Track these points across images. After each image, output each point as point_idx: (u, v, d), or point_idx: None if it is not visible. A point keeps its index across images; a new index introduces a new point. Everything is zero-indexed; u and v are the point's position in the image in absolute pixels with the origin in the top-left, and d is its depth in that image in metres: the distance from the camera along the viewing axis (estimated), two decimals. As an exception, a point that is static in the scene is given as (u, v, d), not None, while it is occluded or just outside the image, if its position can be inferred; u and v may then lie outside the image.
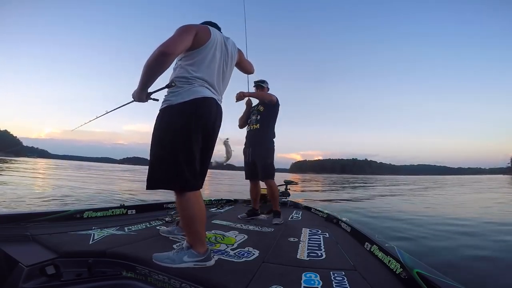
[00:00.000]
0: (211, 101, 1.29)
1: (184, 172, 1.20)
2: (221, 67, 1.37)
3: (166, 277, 1.12)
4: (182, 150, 1.21)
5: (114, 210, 2.16)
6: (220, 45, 1.36)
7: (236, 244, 1.62)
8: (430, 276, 0.99)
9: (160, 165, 1.23)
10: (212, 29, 1.33)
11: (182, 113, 1.22)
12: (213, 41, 1.31)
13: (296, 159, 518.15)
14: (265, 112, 2.61)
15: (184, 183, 1.21)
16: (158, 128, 1.26)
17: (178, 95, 1.24)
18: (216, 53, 1.33)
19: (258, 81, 2.74)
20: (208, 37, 1.29)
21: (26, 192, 5.74)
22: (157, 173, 1.23)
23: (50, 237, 1.42)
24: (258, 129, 2.58)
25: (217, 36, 1.34)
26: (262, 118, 2.59)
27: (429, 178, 48.26)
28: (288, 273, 1.19)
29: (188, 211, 1.22)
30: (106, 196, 6.20)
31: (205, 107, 1.26)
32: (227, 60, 1.41)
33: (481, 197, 10.04)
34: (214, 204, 3.18)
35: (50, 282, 1.06)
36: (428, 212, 5.61)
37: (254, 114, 2.67)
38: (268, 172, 2.53)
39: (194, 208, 1.22)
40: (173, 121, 1.23)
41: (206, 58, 1.29)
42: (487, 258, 2.52)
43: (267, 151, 2.56)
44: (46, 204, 4.49)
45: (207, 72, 1.30)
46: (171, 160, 1.21)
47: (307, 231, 2.05)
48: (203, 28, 1.29)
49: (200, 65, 1.28)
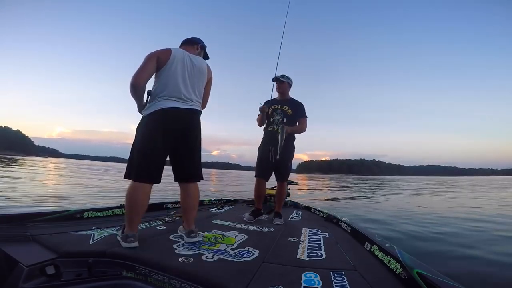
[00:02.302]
0: (172, 110, 1.56)
1: (135, 165, 1.51)
2: (185, 77, 1.62)
3: (166, 277, 1.12)
4: (141, 149, 1.52)
5: (114, 210, 2.16)
6: (182, 60, 1.62)
7: (236, 244, 1.62)
8: (430, 276, 0.99)
9: (128, 158, 1.59)
10: (173, 50, 1.63)
11: (147, 121, 1.56)
12: (173, 59, 1.59)
13: (303, 159, 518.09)
14: (293, 116, 2.53)
15: (133, 173, 1.50)
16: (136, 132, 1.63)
17: (147, 109, 1.59)
18: (178, 68, 1.60)
19: (278, 77, 2.57)
20: (168, 57, 1.58)
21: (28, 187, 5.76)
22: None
23: (50, 237, 1.42)
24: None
25: (178, 54, 1.62)
26: (288, 122, 2.50)
27: (441, 179, 46.21)
28: (288, 273, 1.19)
29: (127, 196, 1.49)
30: (106, 195, 6.21)
31: (166, 116, 1.55)
32: (193, 71, 1.66)
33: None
34: (214, 204, 3.18)
35: (50, 282, 1.06)
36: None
37: (279, 114, 2.54)
38: (287, 174, 2.57)
39: (132, 196, 1.48)
40: (141, 127, 1.58)
41: (168, 74, 1.58)
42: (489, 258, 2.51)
43: (290, 154, 2.53)
44: (46, 203, 4.50)
45: (170, 86, 1.58)
46: (132, 155, 1.55)
47: (307, 231, 2.05)
48: (163, 51, 1.60)
49: (164, 81, 1.58)
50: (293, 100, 2.62)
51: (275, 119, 2.54)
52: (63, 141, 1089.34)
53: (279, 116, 2.53)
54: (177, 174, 1.67)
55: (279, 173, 2.54)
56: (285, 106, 2.55)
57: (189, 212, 1.67)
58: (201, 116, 1.75)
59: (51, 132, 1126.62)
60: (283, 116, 2.51)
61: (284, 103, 2.56)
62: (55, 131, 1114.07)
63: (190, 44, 1.80)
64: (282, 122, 2.49)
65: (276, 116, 2.54)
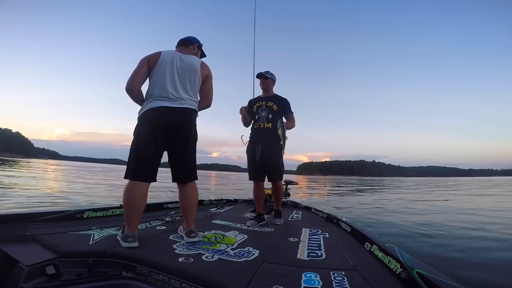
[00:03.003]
0: (163, 110, 1.59)
1: (131, 165, 1.55)
2: (174, 77, 1.65)
3: (166, 277, 1.12)
4: (135, 149, 1.57)
5: (114, 210, 2.16)
6: (171, 61, 1.67)
7: (236, 244, 1.62)
8: (430, 276, 0.99)
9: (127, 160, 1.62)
10: (164, 52, 1.69)
11: (140, 121, 1.62)
12: (161, 60, 1.65)
13: (303, 160, 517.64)
14: (278, 112, 2.46)
15: (130, 173, 1.54)
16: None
17: (141, 110, 1.65)
18: (166, 69, 1.65)
19: (262, 73, 2.54)
20: (157, 59, 1.65)
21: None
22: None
23: (50, 237, 1.42)
24: (270, 128, 2.41)
25: (168, 56, 1.68)
26: (274, 117, 2.42)
27: (441, 180, 46.00)
28: (288, 273, 1.19)
29: (124, 196, 1.52)
30: (107, 195, 6.21)
31: (155, 116, 1.59)
32: (183, 70, 1.68)
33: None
34: (214, 204, 3.18)
35: (50, 282, 1.06)
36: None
37: (264, 111, 2.48)
38: (279, 173, 2.44)
39: (128, 195, 1.51)
40: (135, 128, 1.63)
41: (157, 75, 1.64)
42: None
43: (279, 151, 2.38)
44: (46, 203, 4.50)
45: (158, 86, 1.63)
46: (129, 156, 1.59)
47: (307, 231, 2.05)
48: (153, 55, 1.67)
49: (155, 82, 1.64)
50: (278, 96, 2.57)
51: (260, 116, 2.48)
52: (63, 143, 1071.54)
53: (264, 112, 2.47)
54: (173, 174, 1.68)
55: (269, 172, 2.43)
56: (270, 102, 2.50)
57: (188, 212, 1.67)
58: (197, 115, 1.75)
59: (51, 134, 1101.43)
60: (268, 112, 2.46)
61: (268, 99, 2.51)
62: (55, 133, 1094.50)
63: (185, 45, 1.81)
64: (267, 118, 2.44)
65: (261, 112, 2.48)
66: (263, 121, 2.45)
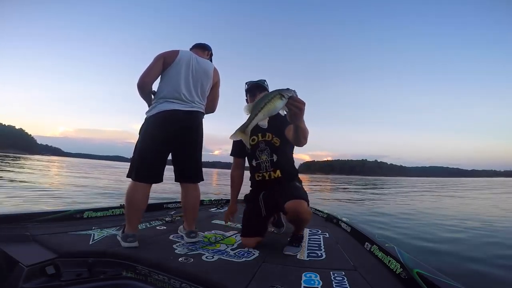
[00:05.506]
0: (172, 112, 1.57)
1: (135, 165, 1.53)
2: (189, 79, 1.62)
3: (166, 277, 1.12)
4: (141, 149, 1.55)
5: (114, 210, 2.16)
6: (188, 62, 1.63)
7: (236, 244, 1.62)
8: (430, 276, 0.99)
9: (131, 159, 1.61)
10: (181, 51, 1.64)
11: (148, 124, 1.59)
12: (179, 60, 1.61)
13: (304, 159, 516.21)
14: (284, 144, 1.68)
15: (134, 173, 1.52)
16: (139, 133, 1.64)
17: (149, 111, 1.61)
18: (182, 69, 1.61)
19: (259, 81, 1.80)
20: (174, 58, 1.61)
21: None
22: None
23: (50, 237, 1.42)
24: (280, 177, 1.67)
25: (185, 56, 1.64)
26: (281, 157, 1.69)
27: (444, 181, 45.08)
28: (288, 273, 1.19)
29: (127, 196, 1.51)
30: (107, 194, 6.21)
31: (165, 119, 1.56)
32: (198, 73, 1.66)
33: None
34: (214, 204, 3.17)
35: (50, 282, 1.06)
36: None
37: (264, 151, 1.70)
38: (304, 195, 1.57)
39: (131, 195, 1.50)
40: (142, 128, 1.60)
41: (172, 75, 1.60)
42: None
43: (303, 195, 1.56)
44: (46, 203, 4.50)
45: (171, 87, 1.59)
46: (133, 155, 1.58)
47: (307, 231, 2.04)
48: (170, 52, 1.62)
49: (166, 81, 1.60)
50: (275, 116, 1.23)
51: (260, 161, 1.71)
52: (66, 139, 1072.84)
53: (264, 154, 1.70)
54: (177, 174, 1.68)
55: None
56: (268, 135, 1.70)
57: (189, 212, 1.67)
58: (203, 117, 1.75)
59: (54, 131, 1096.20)
60: (271, 153, 1.69)
61: (265, 129, 1.64)
62: (58, 129, 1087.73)
63: (201, 49, 1.82)
64: (272, 162, 1.68)
65: (260, 155, 1.72)
66: (266, 169, 1.69)
